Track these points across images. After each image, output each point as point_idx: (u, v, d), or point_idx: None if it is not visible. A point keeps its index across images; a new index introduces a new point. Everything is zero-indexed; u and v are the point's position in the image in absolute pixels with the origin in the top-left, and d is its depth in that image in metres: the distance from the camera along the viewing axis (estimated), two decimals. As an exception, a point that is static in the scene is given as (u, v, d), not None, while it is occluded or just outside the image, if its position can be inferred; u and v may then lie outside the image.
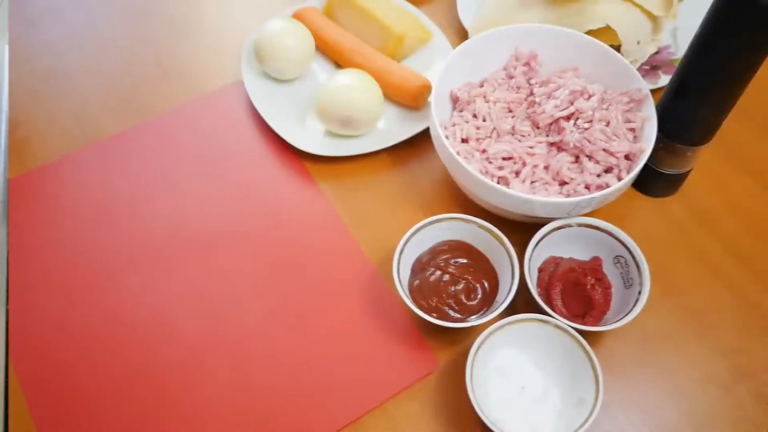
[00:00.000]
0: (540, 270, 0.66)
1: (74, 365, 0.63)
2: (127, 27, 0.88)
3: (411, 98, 0.76)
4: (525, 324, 0.61)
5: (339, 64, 0.82)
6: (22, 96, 0.81)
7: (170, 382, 0.62)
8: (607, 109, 0.68)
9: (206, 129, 0.78)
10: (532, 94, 0.73)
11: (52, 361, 0.63)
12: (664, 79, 0.79)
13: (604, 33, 0.77)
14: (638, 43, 0.77)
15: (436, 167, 0.76)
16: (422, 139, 0.78)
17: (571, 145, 0.67)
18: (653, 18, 0.78)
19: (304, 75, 0.81)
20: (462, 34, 0.86)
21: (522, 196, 0.62)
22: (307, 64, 0.80)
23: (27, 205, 0.73)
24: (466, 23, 0.85)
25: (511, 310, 0.65)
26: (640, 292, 0.62)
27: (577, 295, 0.63)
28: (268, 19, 0.81)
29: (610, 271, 0.66)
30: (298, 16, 0.82)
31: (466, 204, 0.73)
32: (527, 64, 0.74)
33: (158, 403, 0.61)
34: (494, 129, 0.70)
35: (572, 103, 0.68)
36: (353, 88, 0.72)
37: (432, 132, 0.68)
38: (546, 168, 0.69)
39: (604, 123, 0.67)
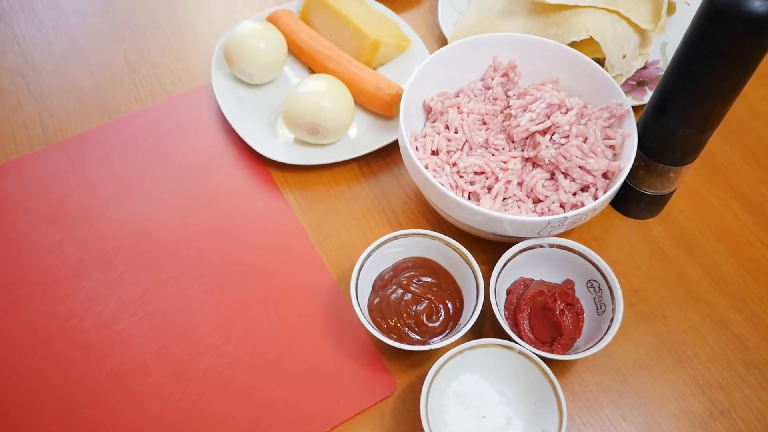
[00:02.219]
0: (509, 292, 0.63)
1: (11, 370, 0.60)
2: (98, 25, 0.85)
3: (383, 107, 0.73)
4: (488, 349, 0.57)
5: (313, 70, 0.79)
6: (-14, 92, 0.78)
7: (113, 394, 0.59)
8: (585, 124, 0.65)
9: (170, 132, 0.75)
10: (509, 106, 0.69)
11: (-12, 371, 0.60)
12: (650, 95, 0.76)
13: (589, 45, 0.74)
14: (624, 56, 0.73)
15: (407, 180, 0.73)
16: (394, 151, 0.74)
17: (546, 161, 0.64)
18: (641, 31, 0.75)
19: (275, 80, 0.78)
20: (443, 44, 0.83)
21: (490, 213, 0.58)
22: (279, 69, 0.77)
23: (-22, 206, 0.70)
24: (447, 32, 0.81)
25: (476, 334, 0.62)
26: (612, 320, 0.58)
27: (546, 320, 0.60)
28: (242, 20, 0.78)
29: (582, 295, 0.62)
30: (272, 18, 0.79)
31: (436, 219, 0.70)
32: (505, 74, 0.71)
33: (99, 416, 0.58)
34: (466, 141, 0.66)
35: (549, 117, 0.65)
36: (322, 94, 0.69)
37: (400, 142, 0.65)
38: (520, 184, 0.65)
39: (581, 139, 0.63)
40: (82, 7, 0.86)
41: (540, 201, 0.64)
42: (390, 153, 0.74)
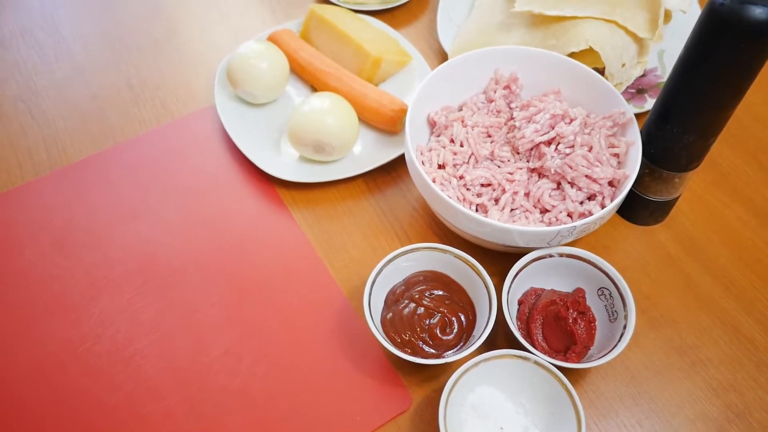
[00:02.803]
0: (520, 302, 0.63)
1: (24, 397, 0.59)
2: (99, 49, 0.85)
3: (387, 123, 0.73)
4: (503, 360, 0.57)
5: (315, 88, 0.79)
6: (-11, 120, 0.78)
7: (127, 420, 0.59)
8: (589, 133, 0.65)
9: (175, 154, 0.75)
10: (512, 118, 0.70)
11: None
12: (651, 103, 0.77)
13: (588, 55, 0.74)
14: (623, 65, 0.74)
15: (414, 194, 0.73)
16: (400, 165, 0.75)
17: (552, 171, 0.64)
18: (638, 40, 0.76)
19: (278, 99, 0.79)
20: (443, 58, 0.84)
21: (499, 225, 0.59)
22: (282, 88, 0.77)
23: (-15, 233, 0.70)
24: (446, 46, 0.82)
25: (490, 345, 0.62)
26: (625, 326, 0.59)
27: (559, 329, 0.60)
28: (244, 41, 0.78)
29: (594, 303, 0.63)
30: (272, 38, 0.79)
31: (444, 233, 0.70)
32: (507, 87, 0.72)
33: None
34: (472, 154, 0.67)
35: (553, 128, 0.65)
36: (326, 112, 0.70)
37: (406, 157, 0.65)
38: (527, 195, 0.66)
39: (586, 148, 0.64)
40: (83, 32, 0.87)
41: (547, 211, 0.65)
42: (395, 168, 0.75)
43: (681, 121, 0.60)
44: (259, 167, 0.72)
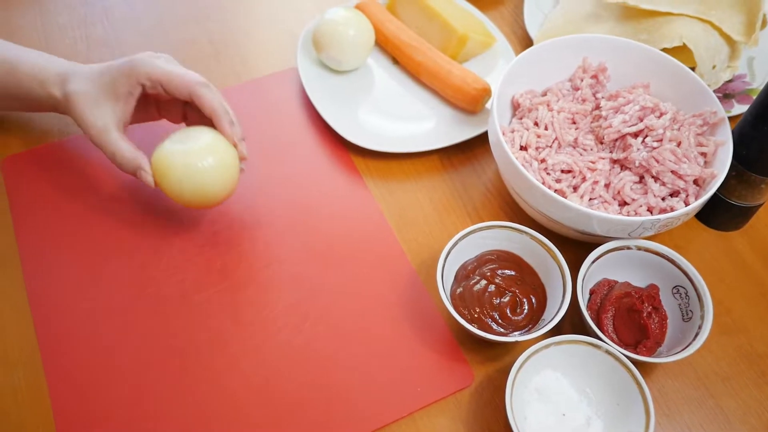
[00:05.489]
0: (592, 291, 0.62)
1: (88, 336, 0.60)
2: (184, 3, 0.86)
3: (469, 101, 0.73)
4: (574, 346, 0.57)
5: (396, 60, 0.79)
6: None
7: (191, 365, 0.59)
8: (678, 129, 0.64)
9: (252, 111, 0.76)
10: (597, 107, 0.69)
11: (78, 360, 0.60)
12: (738, 108, 0.75)
13: (677, 54, 0.73)
14: (714, 67, 0.73)
15: (488, 176, 0.73)
16: (475, 146, 0.74)
17: (637, 164, 0.63)
18: (731, 43, 0.74)
19: (358, 69, 0.79)
20: (526, 44, 0.83)
21: (584, 210, 0.58)
22: (365, 57, 0.77)
23: (68, 169, 0.71)
24: (533, 33, 0.81)
25: (555, 331, 0.61)
26: (700, 327, 0.57)
27: (631, 322, 0.59)
28: (328, 7, 0.78)
29: (667, 301, 0.61)
30: (360, 7, 0.79)
31: (516, 216, 0.69)
32: (595, 76, 0.71)
33: (178, 390, 0.58)
34: (556, 139, 0.66)
35: (642, 120, 0.64)
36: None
37: (491, 137, 0.65)
38: (606, 186, 0.65)
39: (674, 143, 0.63)
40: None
41: (626, 204, 0.64)
42: (471, 148, 0.74)
43: (781, 124, 0.59)
44: (338, 132, 0.72)
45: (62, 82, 0.62)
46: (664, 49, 0.73)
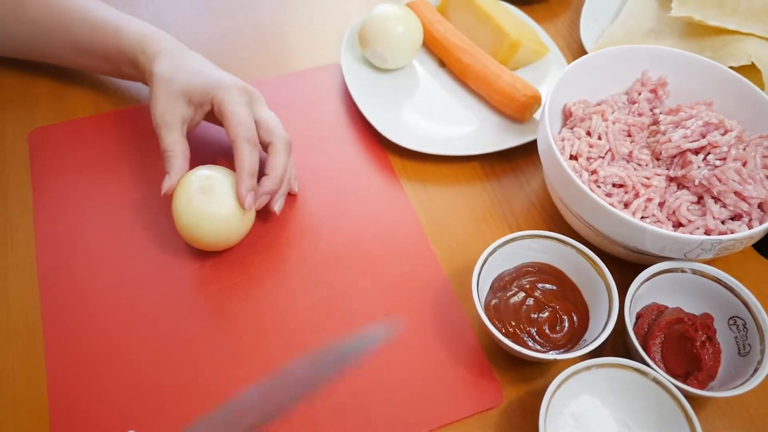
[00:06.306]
0: (638, 315, 0.57)
1: (105, 312, 0.57)
2: (233, -7, 0.85)
3: (517, 108, 0.69)
4: (617, 371, 0.52)
5: (443, 63, 0.76)
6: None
7: (204, 357, 0.55)
8: (744, 149, 0.59)
9: (293, 103, 0.73)
10: (655, 123, 0.65)
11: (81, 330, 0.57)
12: (805, 136, 0.70)
13: (742, 74, 0.69)
14: (782, 91, 0.68)
15: (532, 187, 0.68)
16: (519, 156, 0.70)
17: (696, 183, 0.58)
18: (802, 68, 0.70)
19: (403, 69, 0.76)
20: (580, 56, 0.80)
21: (637, 223, 0.54)
22: (412, 56, 0.74)
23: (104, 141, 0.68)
24: (588, 46, 0.78)
25: (595, 353, 0.56)
26: (760, 362, 0.52)
27: (682, 351, 0.54)
28: (376, 4, 0.76)
29: (722, 333, 0.56)
30: (411, 6, 0.77)
31: (560, 231, 0.64)
32: (653, 90, 0.66)
33: (198, 383, 0.54)
34: (609, 150, 0.62)
35: (704, 136, 0.60)
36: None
37: (540, 144, 0.61)
38: (661, 205, 0.60)
39: (740, 163, 0.58)
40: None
41: (681, 225, 0.59)
42: (515, 157, 0.70)
43: None
44: (377, 129, 0.69)
45: (153, 56, 0.62)
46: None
